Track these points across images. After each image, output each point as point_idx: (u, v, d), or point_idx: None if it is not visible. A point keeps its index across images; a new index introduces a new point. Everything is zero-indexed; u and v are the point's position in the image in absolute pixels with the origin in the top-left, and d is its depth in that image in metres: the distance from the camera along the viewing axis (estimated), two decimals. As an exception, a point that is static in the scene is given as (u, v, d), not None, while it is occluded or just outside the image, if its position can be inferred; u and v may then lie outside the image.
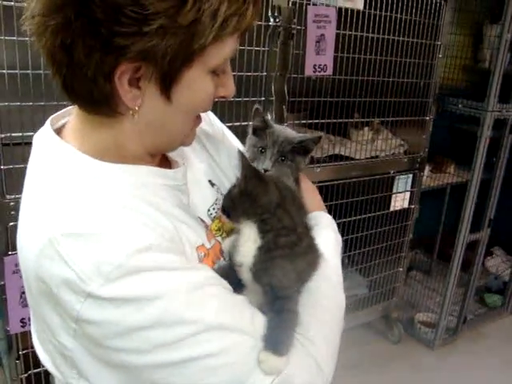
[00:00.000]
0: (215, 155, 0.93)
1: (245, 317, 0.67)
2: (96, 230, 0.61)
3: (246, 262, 0.73)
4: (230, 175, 0.92)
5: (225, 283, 0.70)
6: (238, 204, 0.73)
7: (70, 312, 0.61)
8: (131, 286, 0.59)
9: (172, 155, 0.83)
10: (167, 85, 0.65)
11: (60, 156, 0.70)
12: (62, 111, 0.79)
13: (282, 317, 0.70)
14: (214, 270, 0.73)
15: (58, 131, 0.74)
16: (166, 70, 0.63)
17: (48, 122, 0.75)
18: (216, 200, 0.86)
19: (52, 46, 0.61)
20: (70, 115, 0.76)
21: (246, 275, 0.73)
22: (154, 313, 0.60)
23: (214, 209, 0.85)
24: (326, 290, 0.78)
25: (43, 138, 0.73)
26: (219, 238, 0.82)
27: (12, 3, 1.42)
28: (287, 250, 0.72)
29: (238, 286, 0.74)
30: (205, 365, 0.62)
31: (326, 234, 0.86)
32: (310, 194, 0.95)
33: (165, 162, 0.82)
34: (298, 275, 0.73)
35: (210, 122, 0.96)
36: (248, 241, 0.73)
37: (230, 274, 0.74)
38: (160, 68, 0.63)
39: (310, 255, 0.76)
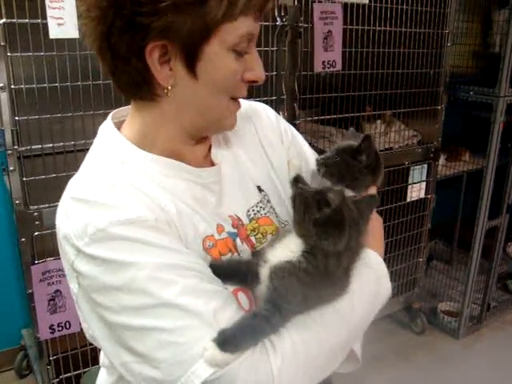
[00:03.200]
0: (278, 168, 0.95)
1: (209, 307, 0.67)
2: (96, 198, 0.70)
3: (272, 261, 0.74)
4: (286, 187, 0.94)
5: (208, 272, 0.72)
6: (310, 222, 0.72)
7: (70, 261, 0.70)
8: (109, 249, 0.67)
9: (219, 156, 0.88)
10: (191, 61, 0.72)
11: (107, 139, 0.81)
12: (125, 108, 0.87)
13: (257, 321, 0.69)
14: (218, 260, 0.78)
15: (120, 124, 0.84)
16: (187, 47, 0.70)
17: (110, 115, 0.85)
18: (258, 203, 0.89)
19: (96, 39, 0.72)
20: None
21: (264, 271, 0.75)
22: (123, 277, 0.66)
23: (253, 211, 0.88)
24: (332, 323, 0.74)
25: (103, 127, 0.83)
26: (253, 238, 0.86)
27: (26, 20, 1.46)
28: (308, 279, 0.72)
29: (244, 280, 0.76)
30: (158, 337, 0.66)
31: (366, 277, 0.81)
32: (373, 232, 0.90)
33: (208, 162, 0.87)
34: (304, 299, 0.72)
35: (281, 132, 0.99)
36: (287, 248, 0.75)
37: (239, 267, 0.77)
38: (181, 45, 0.70)
39: (327, 290, 0.75)
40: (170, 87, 0.74)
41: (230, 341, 0.65)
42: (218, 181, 0.85)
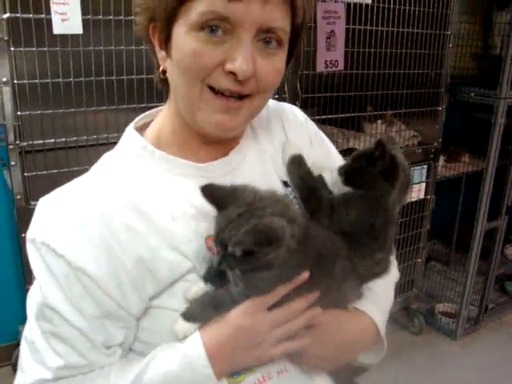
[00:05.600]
0: None
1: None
2: (62, 217, 0.72)
3: None
4: None
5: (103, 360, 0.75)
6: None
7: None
8: (32, 256, 0.72)
9: (244, 148, 0.86)
10: (165, 41, 0.73)
11: (123, 138, 0.83)
12: (149, 113, 0.89)
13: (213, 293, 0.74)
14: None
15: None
16: (163, 27, 0.72)
17: (134, 120, 0.86)
18: None
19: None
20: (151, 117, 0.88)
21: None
22: (35, 281, 0.74)
23: None
24: None
25: (126, 130, 0.85)
26: None
27: (30, 15, 1.45)
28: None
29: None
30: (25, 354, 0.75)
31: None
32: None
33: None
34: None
35: (310, 133, 0.97)
36: None
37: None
38: (160, 25, 0.72)
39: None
40: (163, 70, 0.77)
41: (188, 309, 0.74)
42: (229, 172, 0.83)
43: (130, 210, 0.73)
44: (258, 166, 0.87)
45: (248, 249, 0.67)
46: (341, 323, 0.84)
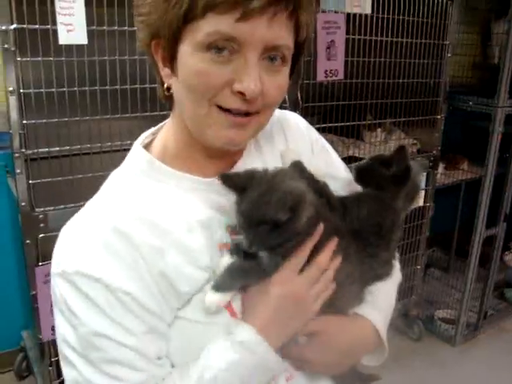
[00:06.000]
0: None
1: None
2: (83, 244, 0.72)
3: None
4: None
5: (146, 353, 0.74)
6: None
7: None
8: (65, 289, 0.71)
9: (247, 164, 0.85)
10: (171, 59, 0.73)
11: (131, 155, 0.83)
12: (155, 129, 0.89)
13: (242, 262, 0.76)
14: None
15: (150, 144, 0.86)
16: (168, 45, 0.71)
17: (140, 138, 0.86)
18: None
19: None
20: (156, 134, 0.88)
21: None
22: (68, 322, 0.72)
23: None
24: None
25: (132, 148, 0.85)
26: None
27: (36, 26, 1.49)
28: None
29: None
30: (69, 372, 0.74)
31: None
32: None
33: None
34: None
35: (312, 141, 0.98)
36: None
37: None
38: (165, 43, 0.71)
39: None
40: (168, 87, 0.77)
41: (218, 281, 0.74)
42: None
43: (146, 226, 0.74)
44: None
45: (287, 212, 0.71)
46: (343, 330, 0.85)
